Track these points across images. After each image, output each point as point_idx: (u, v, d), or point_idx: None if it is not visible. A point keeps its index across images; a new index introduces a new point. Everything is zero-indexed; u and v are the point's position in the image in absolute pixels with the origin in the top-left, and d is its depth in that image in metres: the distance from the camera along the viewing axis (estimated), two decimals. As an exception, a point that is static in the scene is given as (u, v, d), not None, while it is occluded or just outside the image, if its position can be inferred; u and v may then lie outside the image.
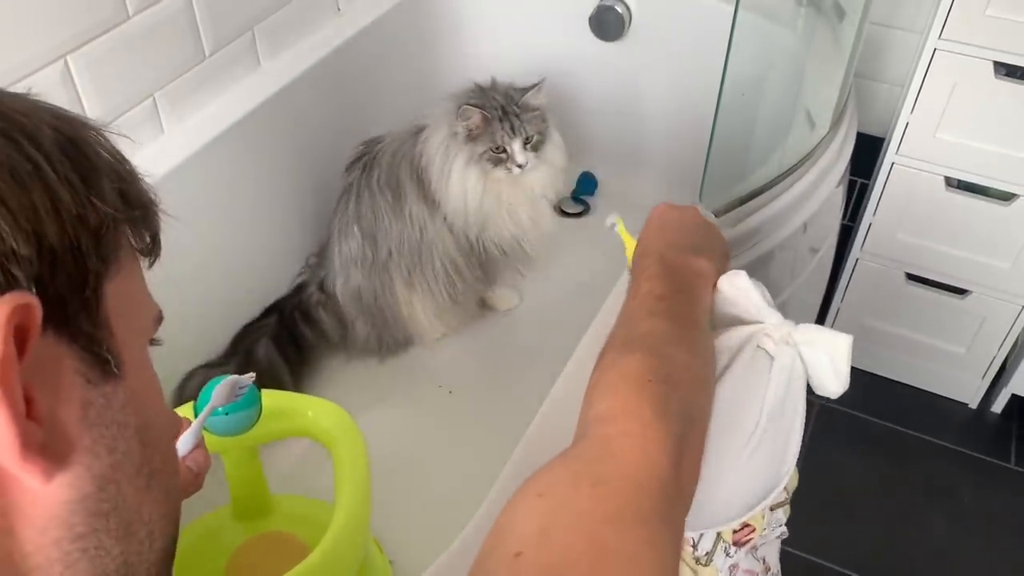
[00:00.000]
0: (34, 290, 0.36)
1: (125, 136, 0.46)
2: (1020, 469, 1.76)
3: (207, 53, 1.40)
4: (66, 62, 1.18)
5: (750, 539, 0.85)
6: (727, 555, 0.85)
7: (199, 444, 0.86)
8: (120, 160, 0.44)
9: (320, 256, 1.62)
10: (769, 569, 0.92)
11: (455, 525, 0.92)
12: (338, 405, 1.19)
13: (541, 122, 1.41)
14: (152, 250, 0.46)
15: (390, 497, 1.26)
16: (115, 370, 0.41)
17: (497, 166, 1.38)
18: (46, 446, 0.37)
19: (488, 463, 0.95)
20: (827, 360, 0.80)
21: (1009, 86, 1.46)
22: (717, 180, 1.22)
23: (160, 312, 0.48)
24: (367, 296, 1.54)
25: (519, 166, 1.37)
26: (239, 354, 1.48)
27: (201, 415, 0.80)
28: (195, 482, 0.83)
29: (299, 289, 1.62)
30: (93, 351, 0.40)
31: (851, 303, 1.84)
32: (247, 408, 1.12)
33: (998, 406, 1.85)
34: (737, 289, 0.84)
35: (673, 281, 0.79)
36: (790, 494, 0.86)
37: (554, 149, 1.46)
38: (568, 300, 1.61)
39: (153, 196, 0.47)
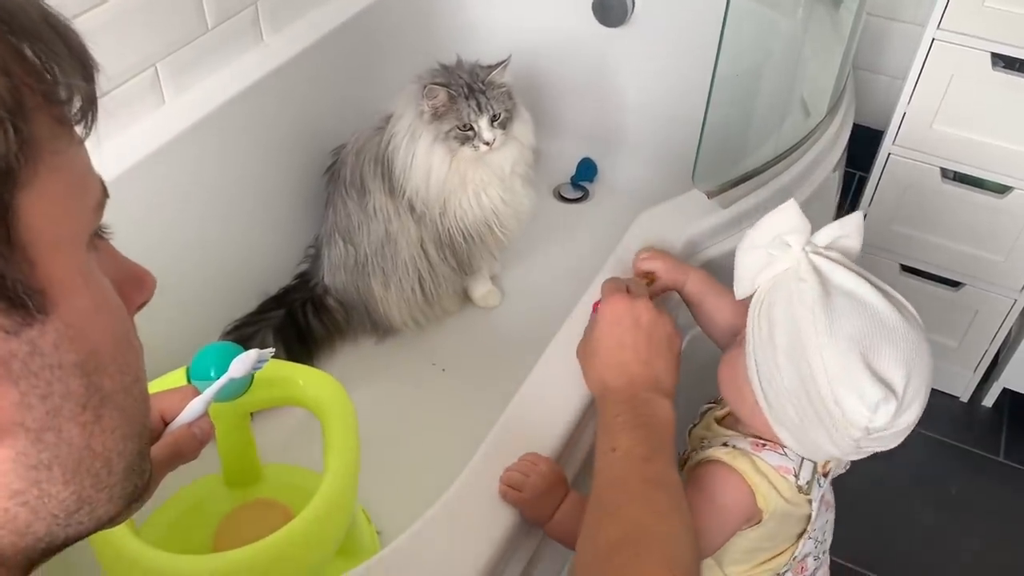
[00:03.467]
0: None
1: None
2: (1008, 462, 1.77)
3: (209, 25, 1.41)
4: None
5: (828, 469, 0.92)
6: (819, 486, 0.90)
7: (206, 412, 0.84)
8: None
9: (318, 247, 1.64)
10: (831, 504, 0.98)
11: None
12: (330, 375, 1.21)
13: (508, 99, 1.42)
14: (88, 113, 0.37)
15: (381, 469, 1.27)
16: (38, 312, 0.34)
17: (464, 144, 1.39)
18: None
19: (477, 439, 0.97)
20: (850, 240, 0.89)
21: (1006, 78, 1.47)
22: (710, 162, 1.23)
23: (104, 188, 0.39)
24: (352, 295, 1.57)
25: (486, 143, 1.38)
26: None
27: (217, 383, 0.79)
28: (196, 450, 0.80)
29: (303, 279, 1.64)
30: (6, 296, 0.33)
31: (845, 293, 1.85)
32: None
33: (989, 400, 1.86)
34: (791, 218, 0.88)
35: (651, 437, 0.84)
36: None
37: (522, 126, 1.47)
38: (565, 285, 1.62)
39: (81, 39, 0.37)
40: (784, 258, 0.85)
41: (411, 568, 0.84)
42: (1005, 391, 1.83)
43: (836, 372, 0.79)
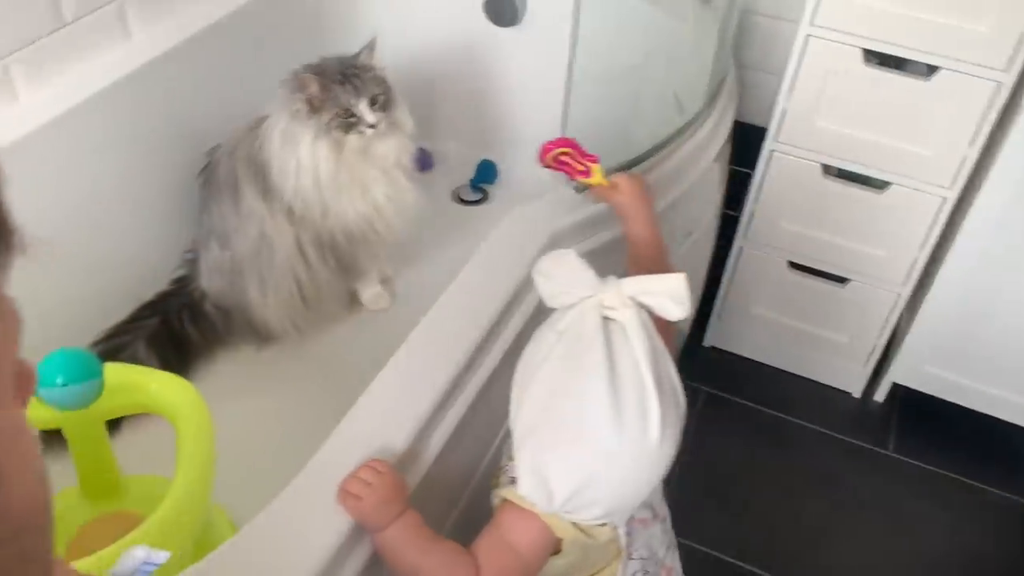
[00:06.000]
0: None
1: None
2: (898, 456, 1.79)
3: (68, 19, 1.35)
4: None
5: None
6: None
7: None
8: None
9: (196, 251, 1.58)
10: (657, 515, 0.95)
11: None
12: (183, 379, 1.16)
13: (383, 83, 1.39)
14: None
15: (259, 478, 1.23)
16: None
17: (349, 132, 1.35)
18: None
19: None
20: (669, 300, 0.81)
21: (878, 74, 1.48)
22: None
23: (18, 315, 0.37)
24: (229, 300, 1.51)
25: (371, 126, 1.34)
26: (108, 358, 1.43)
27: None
28: None
29: (181, 284, 1.58)
30: None
31: (737, 291, 1.85)
32: (87, 380, 1.09)
33: (880, 394, 1.88)
34: (568, 268, 0.84)
35: None
36: None
37: (402, 113, 1.44)
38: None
39: None
40: (574, 301, 0.82)
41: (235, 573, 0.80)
42: (895, 386, 1.85)
43: (519, 438, 0.81)
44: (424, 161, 1.99)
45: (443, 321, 1.08)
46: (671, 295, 0.81)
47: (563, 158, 1.15)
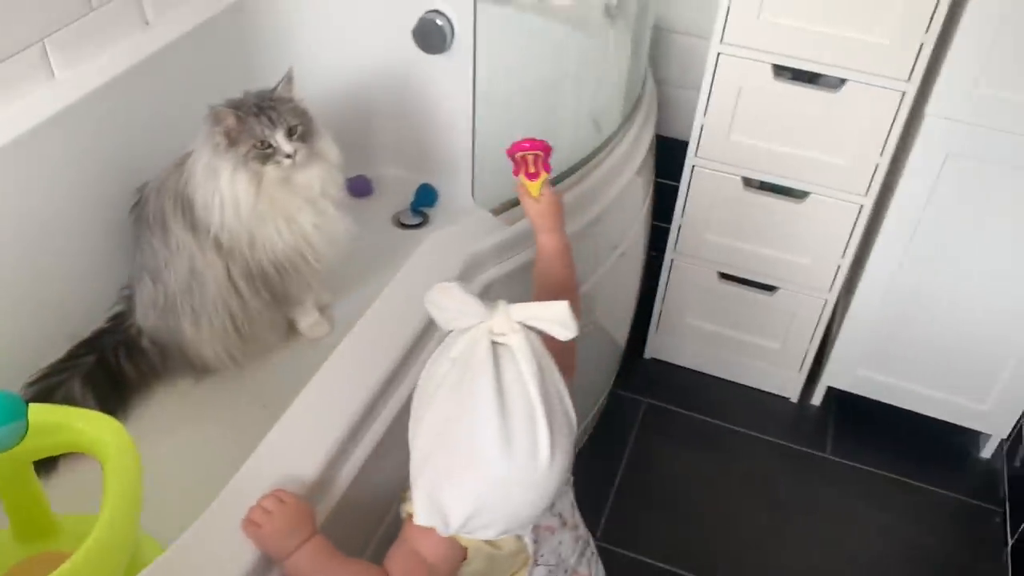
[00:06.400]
0: None
1: None
2: (834, 458, 1.83)
3: (-11, 61, 1.37)
4: None
5: None
6: None
7: None
8: None
9: (131, 288, 1.58)
10: (566, 523, 0.96)
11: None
12: (108, 416, 1.17)
13: (302, 114, 1.41)
14: None
15: (185, 505, 1.23)
16: None
17: (266, 163, 1.37)
18: None
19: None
20: (556, 325, 0.84)
21: (788, 88, 1.53)
22: (488, 180, 1.25)
23: None
24: (164, 335, 1.52)
25: (288, 156, 1.37)
26: (44, 398, 1.43)
27: None
28: None
29: (117, 320, 1.58)
30: None
31: (672, 303, 1.89)
32: (10, 422, 1.10)
33: (817, 398, 1.92)
34: (454, 299, 0.86)
35: None
36: None
37: (325, 143, 1.46)
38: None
39: None
40: (465, 328, 0.85)
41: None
42: (830, 389, 1.89)
43: (416, 466, 0.83)
44: (363, 187, 2.02)
45: (358, 349, 1.10)
46: (558, 320, 0.83)
47: (528, 156, 1.18)
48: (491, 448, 0.79)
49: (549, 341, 0.86)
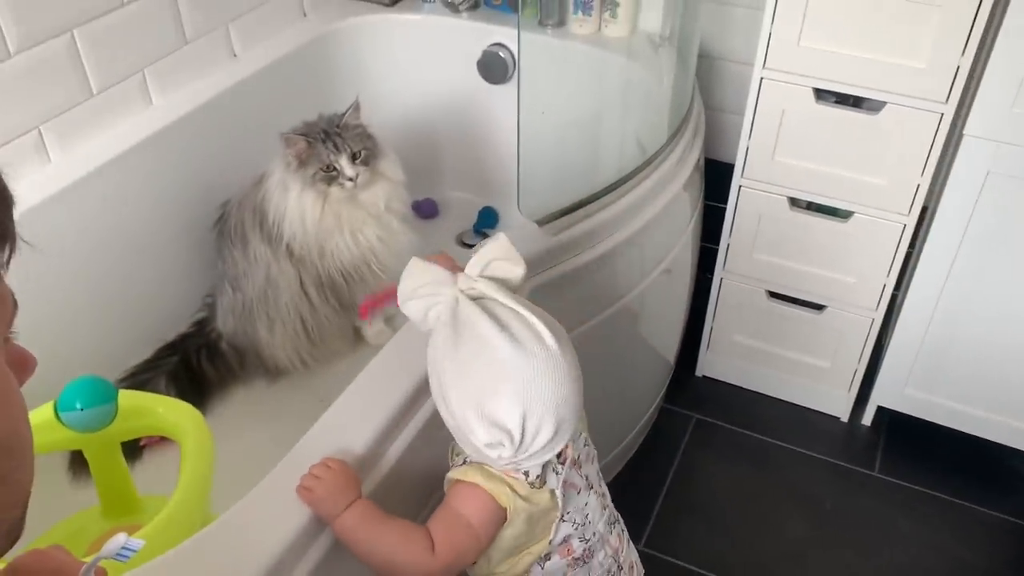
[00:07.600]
0: None
1: None
2: (882, 476, 1.84)
3: (95, 91, 1.53)
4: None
5: (566, 457, 1.00)
6: (556, 473, 0.98)
7: None
8: None
9: (213, 295, 1.72)
10: (592, 486, 1.05)
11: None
12: (187, 403, 1.30)
13: (367, 138, 1.54)
14: (5, 244, 0.43)
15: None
16: None
17: (331, 184, 1.50)
18: None
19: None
20: (506, 262, 0.98)
21: (830, 111, 1.59)
22: (534, 193, 1.35)
23: (14, 302, 0.47)
24: (241, 339, 1.66)
25: (350, 179, 1.49)
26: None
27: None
28: None
29: (200, 326, 1.73)
30: None
31: (722, 322, 1.94)
32: (103, 404, 1.23)
33: (867, 418, 1.93)
34: (422, 273, 0.99)
35: None
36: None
37: (388, 164, 1.58)
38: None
39: None
40: (439, 299, 0.96)
41: (199, 561, 0.91)
42: (880, 409, 1.91)
43: (462, 418, 0.92)
44: (430, 209, 2.14)
45: (407, 344, 1.20)
46: (504, 256, 0.97)
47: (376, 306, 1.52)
48: (507, 354, 0.89)
49: None
